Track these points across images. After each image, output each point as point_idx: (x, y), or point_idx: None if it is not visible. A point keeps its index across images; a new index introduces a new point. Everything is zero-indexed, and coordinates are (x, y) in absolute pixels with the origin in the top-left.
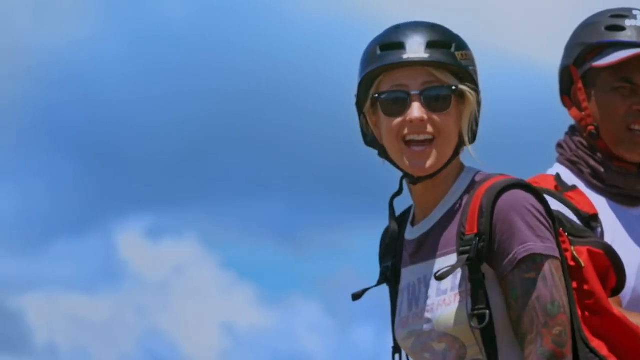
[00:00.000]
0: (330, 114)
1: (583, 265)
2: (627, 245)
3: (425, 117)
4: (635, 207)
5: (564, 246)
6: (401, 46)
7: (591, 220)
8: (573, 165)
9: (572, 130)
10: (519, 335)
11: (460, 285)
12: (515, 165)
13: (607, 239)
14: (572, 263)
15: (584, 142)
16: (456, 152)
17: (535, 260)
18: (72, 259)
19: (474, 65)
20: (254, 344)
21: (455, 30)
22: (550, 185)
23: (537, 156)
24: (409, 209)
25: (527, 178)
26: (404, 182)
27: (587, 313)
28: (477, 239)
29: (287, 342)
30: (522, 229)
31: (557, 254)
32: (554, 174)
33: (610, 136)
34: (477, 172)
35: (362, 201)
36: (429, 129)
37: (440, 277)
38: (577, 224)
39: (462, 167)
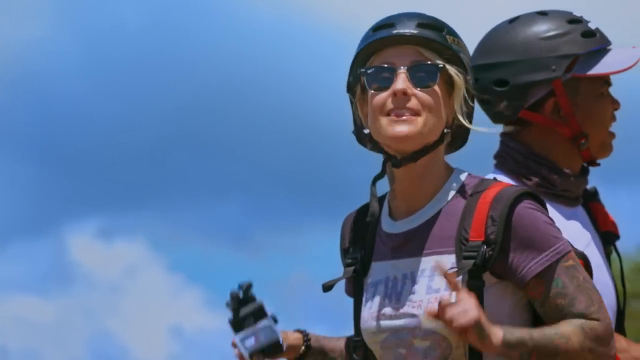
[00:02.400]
0: (290, 116)
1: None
2: (584, 241)
3: (409, 91)
4: (575, 207)
5: None
6: (392, 25)
7: None
8: (517, 177)
9: (514, 142)
10: (574, 311)
11: (446, 288)
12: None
13: None
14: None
15: (529, 151)
16: (441, 139)
17: (565, 255)
18: (24, 261)
19: (466, 54)
20: (203, 346)
21: None
22: None
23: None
24: (377, 200)
25: None
26: (387, 170)
27: None
28: (485, 246)
29: None
30: (546, 232)
31: (571, 248)
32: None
33: (598, 142)
34: (467, 174)
35: (322, 204)
36: (413, 103)
37: (445, 275)
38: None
39: (450, 167)
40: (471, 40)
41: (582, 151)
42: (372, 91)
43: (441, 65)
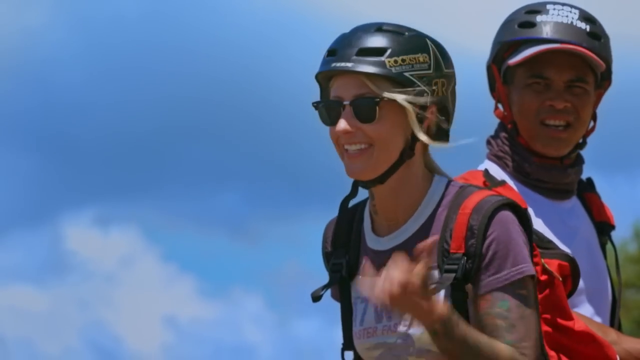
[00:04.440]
0: (288, 105)
1: (559, 278)
2: (557, 237)
3: (352, 129)
4: (564, 201)
5: (535, 259)
6: (334, 53)
7: None
8: (499, 160)
9: (500, 126)
10: (507, 339)
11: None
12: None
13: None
14: (542, 277)
15: (508, 138)
16: (401, 158)
17: (522, 279)
18: (21, 250)
19: (415, 69)
20: (197, 336)
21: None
22: (479, 181)
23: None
24: (356, 209)
25: (456, 175)
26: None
27: (549, 326)
28: (465, 259)
29: (230, 334)
30: (515, 251)
31: (534, 272)
32: (483, 169)
33: (527, 132)
34: (449, 181)
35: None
36: (360, 138)
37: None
38: (542, 234)
39: (431, 175)
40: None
41: (518, 139)
42: (328, 126)
43: (378, 100)
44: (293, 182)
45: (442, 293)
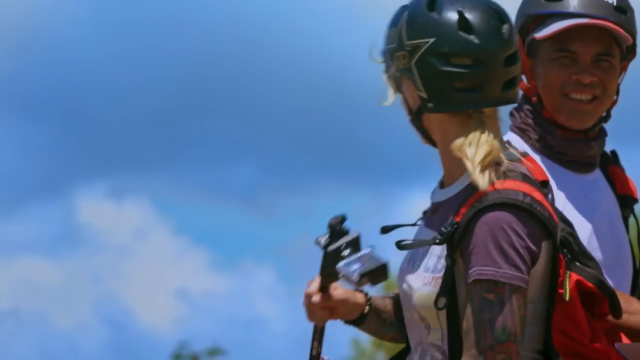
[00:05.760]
0: (304, 77)
1: (566, 299)
2: (578, 210)
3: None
4: (587, 174)
5: (559, 271)
6: None
7: (542, 186)
8: (522, 133)
9: (524, 99)
10: (465, 344)
11: (439, 270)
12: None
13: (558, 205)
14: (560, 290)
15: (532, 110)
16: (414, 124)
17: (497, 284)
18: (36, 222)
19: (386, 44)
20: (208, 309)
21: None
22: None
23: None
24: None
25: None
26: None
27: (566, 338)
28: (455, 227)
29: (241, 307)
30: (491, 251)
31: (521, 283)
32: (505, 141)
33: (551, 105)
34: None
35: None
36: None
37: (402, 247)
38: (584, 248)
39: None
40: None
41: (542, 112)
42: None
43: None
44: (307, 154)
45: (440, 251)
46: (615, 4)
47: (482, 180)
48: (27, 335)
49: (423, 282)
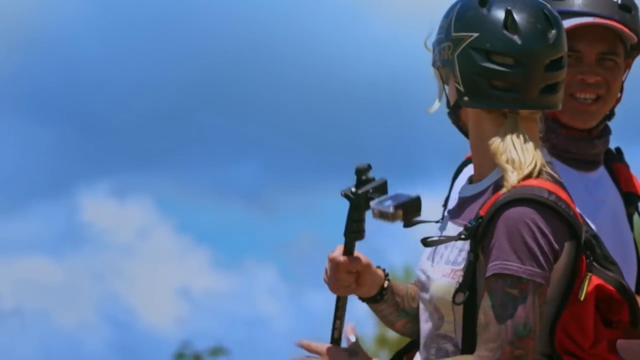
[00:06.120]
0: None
1: (581, 299)
2: (582, 209)
3: None
4: (591, 172)
5: (579, 272)
6: None
7: None
8: None
9: None
10: (481, 337)
11: (460, 263)
12: None
13: None
14: (576, 291)
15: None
16: (451, 117)
17: (521, 280)
18: (39, 221)
19: (437, 34)
20: (211, 308)
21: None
22: None
23: None
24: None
25: None
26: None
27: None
28: (480, 222)
29: (244, 307)
30: (514, 246)
31: (543, 281)
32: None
33: None
34: None
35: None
36: None
37: (428, 244)
38: (607, 251)
39: None
40: None
41: (547, 112)
42: None
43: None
44: (310, 153)
45: (463, 254)
46: (619, 2)
47: (514, 180)
48: (29, 334)
49: (442, 274)
